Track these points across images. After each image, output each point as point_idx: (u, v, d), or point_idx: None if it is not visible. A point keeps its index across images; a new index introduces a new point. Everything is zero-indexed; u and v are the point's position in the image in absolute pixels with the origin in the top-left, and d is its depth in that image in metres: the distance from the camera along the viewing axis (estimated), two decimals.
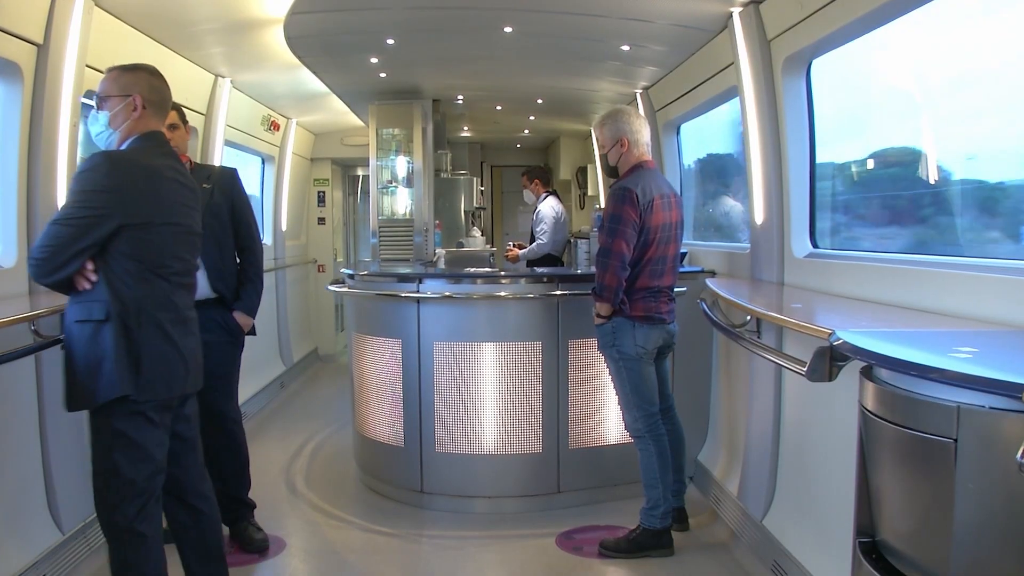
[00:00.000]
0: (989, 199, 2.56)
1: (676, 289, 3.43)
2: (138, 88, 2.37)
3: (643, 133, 3.37)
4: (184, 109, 3.37)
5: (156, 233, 2.32)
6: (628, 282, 3.26)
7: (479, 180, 8.82)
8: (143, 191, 2.29)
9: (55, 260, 2.20)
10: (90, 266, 2.24)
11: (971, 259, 2.39)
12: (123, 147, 2.37)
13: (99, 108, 2.38)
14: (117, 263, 2.26)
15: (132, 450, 2.28)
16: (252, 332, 3.45)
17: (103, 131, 2.38)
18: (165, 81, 2.46)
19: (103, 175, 2.24)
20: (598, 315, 3.33)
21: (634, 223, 3.19)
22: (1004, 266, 2.19)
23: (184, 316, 2.41)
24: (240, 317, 3.35)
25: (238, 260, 3.42)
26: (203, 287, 3.21)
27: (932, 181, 2.75)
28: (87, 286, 2.25)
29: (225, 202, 3.34)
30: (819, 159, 3.31)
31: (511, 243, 6.90)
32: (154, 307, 2.30)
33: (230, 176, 3.46)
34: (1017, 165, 2.39)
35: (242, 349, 3.44)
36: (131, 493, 2.27)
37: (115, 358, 2.23)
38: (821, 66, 3.24)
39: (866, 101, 3.25)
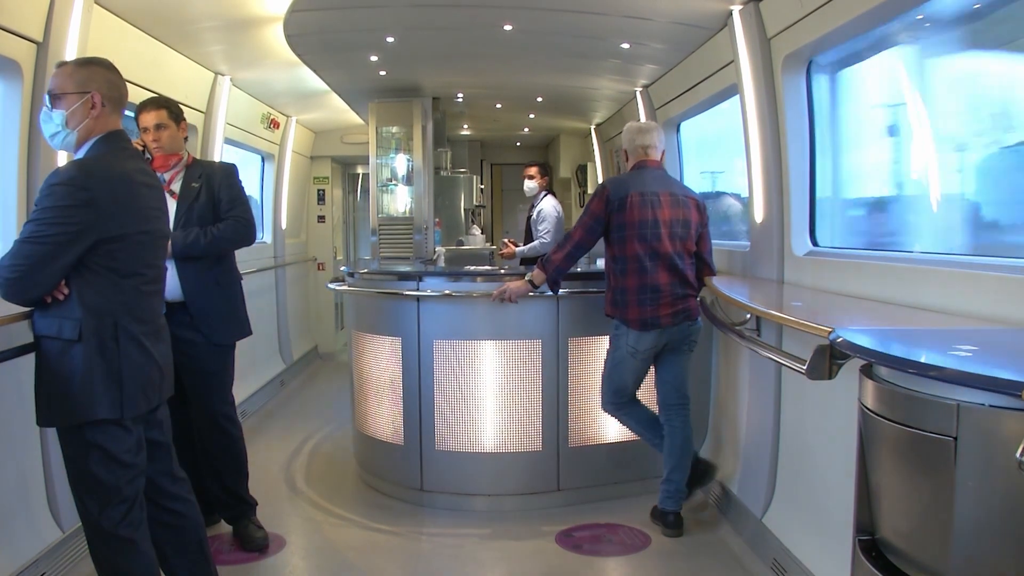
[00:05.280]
0: None
1: None
2: (96, 84, 2.20)
3: (639, 138, 3.53)
4: (183, 107, 3.30)
5: (132, 243, 2.20)
6: (616, 281, 3.41)
7: (479, 178, 8.82)
8: (119, 202, 2.16)
9: (29, 280, 2.07)
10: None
11: (971, 257, 2.39)
12: (85, 150, 2.22)
13: (53, 106, 2.19)
14: (91, 275, 2.14)
15: (109, 460, 2.19)
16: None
17: (59, 131, 2.20)
18: (121, 76, 2.30)
19: (77, 188, 2.09)
20: (529, 282, 3.49)
21: (599, 217, 3.36)
22: (1004, 264, 2.19)
23: (158, 325, 2.35)
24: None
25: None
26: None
27: None
28: (59, 297, 2.14)
29: (209, 202, 3.15)
30: None
31: (506, 239, 6.79)
32: (129, 319, 2.20)
33: (221, 172, 3.25)
34: None
35: (234, 347, 3.37)
36: (116, 499, 2.20)
37: (91, 379, 2.13)
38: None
39: None
